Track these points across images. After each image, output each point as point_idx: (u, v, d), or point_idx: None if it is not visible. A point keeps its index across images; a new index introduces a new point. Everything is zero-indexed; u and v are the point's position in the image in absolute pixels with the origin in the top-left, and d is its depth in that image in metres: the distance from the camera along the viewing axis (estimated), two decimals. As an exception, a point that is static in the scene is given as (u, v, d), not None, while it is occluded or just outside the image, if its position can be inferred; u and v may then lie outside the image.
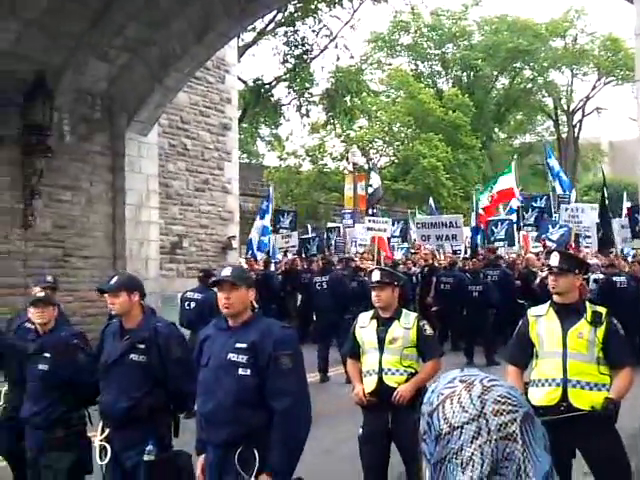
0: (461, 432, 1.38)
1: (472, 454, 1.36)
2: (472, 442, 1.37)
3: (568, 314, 4.56)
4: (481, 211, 19.04)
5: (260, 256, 17.87)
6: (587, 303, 4.74)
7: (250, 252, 18.32)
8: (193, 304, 9.73)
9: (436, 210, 23.41)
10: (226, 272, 3.91)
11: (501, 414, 1.38)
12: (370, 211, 21.83)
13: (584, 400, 4.39)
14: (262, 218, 18.96)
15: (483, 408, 1.38)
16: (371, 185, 17.84)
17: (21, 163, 12.33)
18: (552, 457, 1.42)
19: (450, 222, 16.89)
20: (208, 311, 8.78)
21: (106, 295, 4.41)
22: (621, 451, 4.54)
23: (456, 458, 1.38)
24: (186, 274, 16.24)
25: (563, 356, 4.47)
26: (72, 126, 13.03)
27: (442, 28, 43.55)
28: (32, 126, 12.16)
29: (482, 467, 1.35)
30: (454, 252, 17.25)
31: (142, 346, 4.31)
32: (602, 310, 4.62)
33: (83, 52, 12.79)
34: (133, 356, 4.32)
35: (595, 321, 4.49)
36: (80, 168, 13.16)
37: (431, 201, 23.17)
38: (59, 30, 12.09)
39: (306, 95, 29.38)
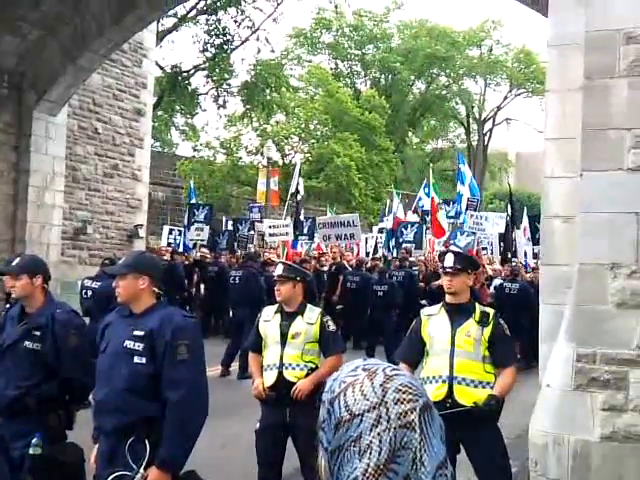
0: (361, 420, 1.39)
1: (370, 442, 1.37)
2: (371, 430, 1.38)
3: (458, 314, 4.80)
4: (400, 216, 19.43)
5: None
6: (477, 304, 4.98)
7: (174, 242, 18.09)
8: (90, 292, 9.51)
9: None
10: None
11: (402, 403, 1.40)
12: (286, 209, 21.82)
13: (468, 397, 4.63)
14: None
15: (384, 396, 1.40)
16: (299, 192, 17.89)
17: None
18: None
19: (348, 221, 17.17)
20: (106, 300, 8.60)
21: (5, 277, 4.27)
22: (501, 447, 4.80)
23: (354, 446, 1.38)
24: (89, 261, 15.80)
25: (450, 354, 4.70)
26: (-25, 101, 12.50)
27: (364, 29, 44.04)
28: None
29: (379, 455, 1.37)
30: (367, 253, 17.54)
31: (38, 333, 4.20)
32: (490, 311, 4.89)
33: (-7, 25, 12.28)
34: (27, 343, 4.19)
35: (482, 321, 4.73)
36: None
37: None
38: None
39: (224, 86, 29.12)
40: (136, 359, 3.65)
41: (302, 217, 17.90)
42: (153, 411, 3.63)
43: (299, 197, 17.95)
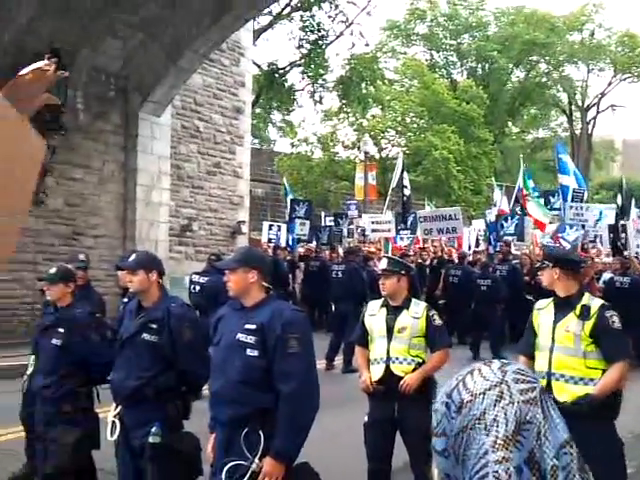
0: (483, 398, 1.39)
1: (496, 416, 1.37)
2: (495, 405, 1.38)
3: (563, 308, 4.63)
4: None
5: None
6: (585, 297, 4.72)
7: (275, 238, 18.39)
8: (198, 287, 9.78)
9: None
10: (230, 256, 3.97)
11: (522, 382, 1.41)
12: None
13: (567, 393, 4.44)
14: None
15: (504, 376, 1.41)
16: (406, 187, 17.84)
17: (35, 140, 12.38)
18: None
19: (450, 215, 16.91)
20: (214, 295, 8.83)
21: (122, 272, 4.44)
22: (613, 447, 4.57)
23: (479, 423, 1.38)
24: (194, 257, 16.30)
25: (550, 349, 4.56)
26: (86, 104, 13.08)
27: (458, 18, 43.26)
28: (46, 104, 12.19)
29: (506, 426, 1.36)
30: (468, 247, 17.21)
31: (154, 326, 4.34)
32: (593, 304, 4.64)
33: (98, 30, 12.82)
34: (145, 335, 4.35)
35: (583, 315, 4.52)
36: (92, 147, 13.22)
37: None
38: (75, 7, 12.11)
39: (320, 81, 29.30)
40: (249, 352, 3.73)
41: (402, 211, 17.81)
42: (267, 402, 3.69)
43: (406, 191, 17.85)
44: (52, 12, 11.90)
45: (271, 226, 19.45)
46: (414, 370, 5.11)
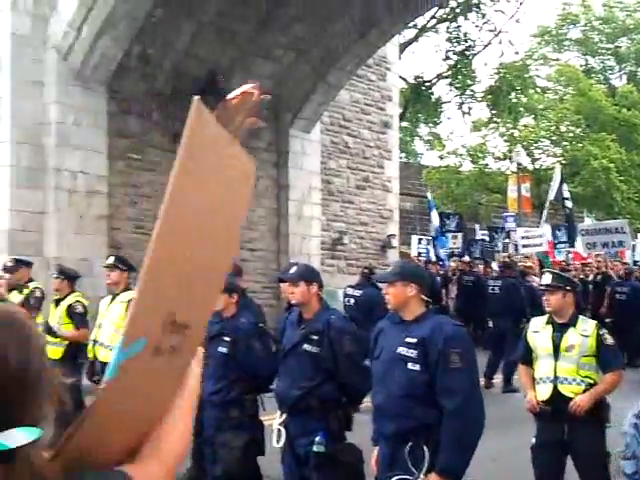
0: None
1: None
2: None
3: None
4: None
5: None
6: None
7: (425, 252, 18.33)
8: (352, 300, 9.87)
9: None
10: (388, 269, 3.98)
11: None
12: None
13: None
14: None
15: None
16: (567, 199, 17.27)
17: (194, 158, 13.08)
18: None
19: (616, 228, 15.99)
20: (369, 307, 8.86)
21: (285, 284, 4.57)
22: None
23: None
24: (346, 270, 16.51)
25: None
26: (240, 124, 13.65)
27: (615, 21, 41.17)
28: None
29: None
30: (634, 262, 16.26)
31: (315, 337, 4.44)
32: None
33: (251, 52, 13.36)
34: (306, 346, 4.45)
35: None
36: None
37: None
38: (230, 31, 12.70)
39: (468, 92, 28.90)
40: (410, 365, 3.71)
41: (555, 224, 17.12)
42: (431, 418, 3.66)
43: (568, 203, 17.19)
44: (208, 37, 12.55)
45: (420, 240, 19.34)
46: (584, 391, 4.86)
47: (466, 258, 16.92)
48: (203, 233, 1.16)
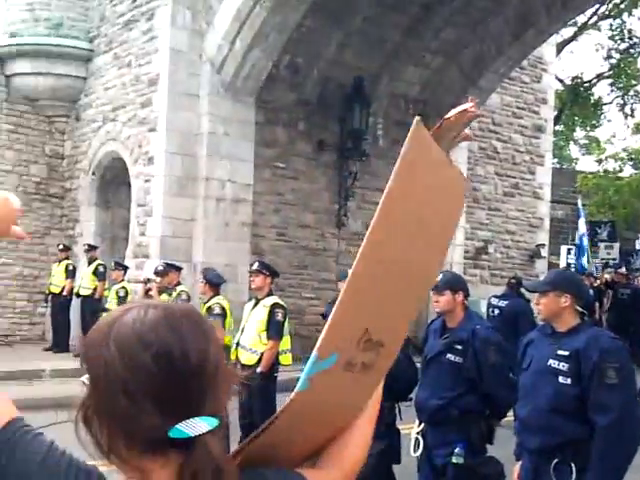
0: None
1: None
2: None
3: None
4: None
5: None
6: None
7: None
8: (497, 311, 9.72)
9: None
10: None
11: None
12: None
13: None
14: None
15: None
16: None
17: (339, 166, 13.38)
18: None
19: None
20: (514, 318, 8.70)
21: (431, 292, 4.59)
22: None
23: None
24: (490, 281, 16.20)
25: None
26: (385, 130, 13.77)
27: None
28: (350, 131, 13.13)
29: None
30: None
31: (459, 347, 4.42)
32: None
33: (399, 58, 13.45)
34: (450, 356, 4.45)
35: None
36: (391, 172, 13.83)
37: None
38: (378, 37, 12.86)
39: (631, 93, 27.45)
40: (561, 379, 3.63)
41: None
42: (581, 434, 3.57)
43: None
44: (356, 44, 12.79)
45: (569, 250, 18.60)
46: None
47: (623, 270, 16.10)
48: (410, 250, 1.21)
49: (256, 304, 7.20)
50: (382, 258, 1.17)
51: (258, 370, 6.64)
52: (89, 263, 12.96)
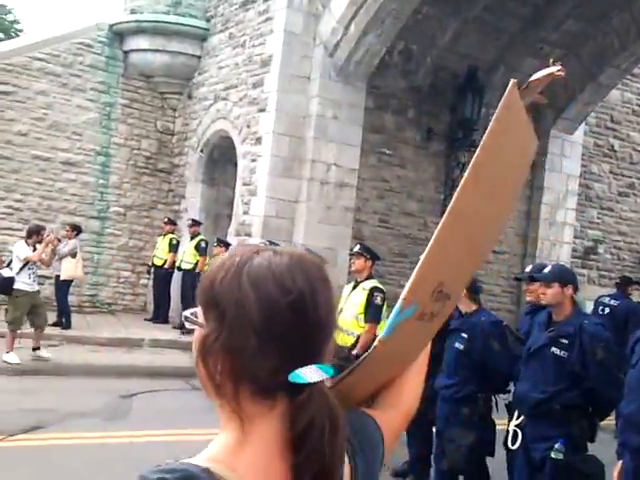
0: None
1: None
2: None
3: None
4: None
5: None
6: None
7: None
8: (607, 309, 9.60)
9: None
10: None
11: None
12: None
13: None
14: None
15: None
16: None
17: (447, 156, 13.38)
18: None
19: None
20: (623, 319, 8.59)
21: (535, 284, 4.61)
22: None
23: None
24: (597, 281, 15.82)
25: None
26: (497, 122, 13.65)
27: None
28: (460, 120, 13.09)
29: None
30: None
31: (565, 341, 4.41)
32: None
33: (516, 48, 13.28)
34: (554, 349, 4.45)
35: None
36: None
37: None
38: (496, 27, 12.74)
39: None
40: (671, 377, 3.63)
41: None
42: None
43: None
44: (472, 33, 12.71)
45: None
46: None
47: None
48: (488, 206, 1.29)
49: (355, 287, 7.27)
50: (467, 213, 1.24)
51: (354, 352, 6.77)
52: (192, 238, 13.45)
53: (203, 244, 13.20)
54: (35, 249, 9.82)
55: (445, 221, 1.23)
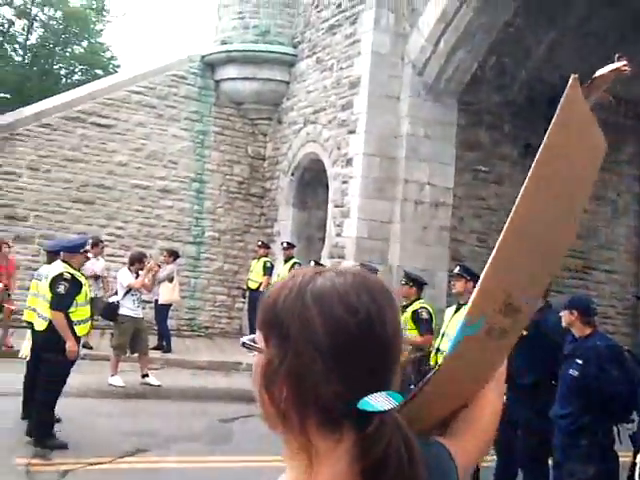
0: None
1: None
2: None
3: None
4: None
5: None
6: None
7: None
8: None
9: None
10: None
11: None
12: None
13: None
14: None
15: None
16: None
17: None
18: None
19: None
20: None
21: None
22: None
23: None
24: None
25: None
26: (595, 134, 13.21)
27: None
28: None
29: None
30: None
31: None
32: None
33: (614, 58, 12.82)
34: None
35: None
36: (606, 178, 13.22)
37: None
38: (595, 36, 12.35)
39: None
40: None
41: None
42: None
43: None
44: (569, 43, 12.34)
45: None
46: None
47: None
48: (554, 211, 1.21)
49: (458, 309, 7.11)
50: (531, 216, 1.17)
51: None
52: (286, 261, 13.53)
53: (297, 267, 13.22)
54: (138, 276, 10.07)
55: (507, 227, 1.16)
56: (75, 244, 7.46)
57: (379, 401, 0.98)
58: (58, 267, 7.13)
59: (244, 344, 1.08)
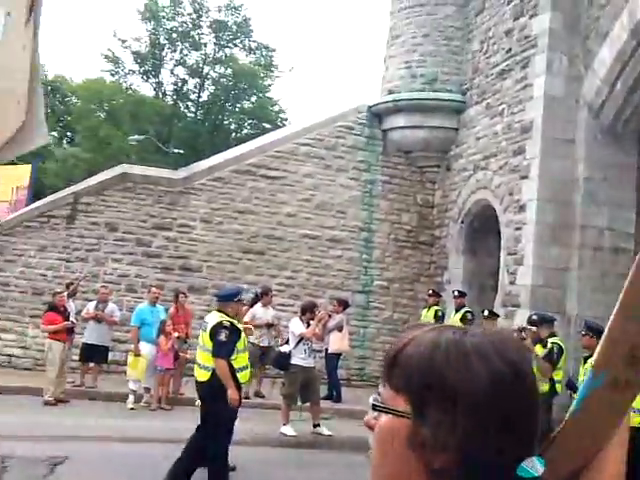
0: None
1: None
2: None
3: None
4: None
5: None
6: None
7: None
8: None
9: None
10: None
11: None
12: None
13: None
14: None
15: None
16: None
17: None
18: None
19: None
20: None
21: None
22: None
23: None
24: None
25: None
26: None
27: None
28: None
29: None
30: None
31: None
32: None
33: None
34: None
35: None
36: None
37: None
38: None
39: None
40: None
41: None
42: None
43: None
44: None
45: None
46: None
47: None
48: None
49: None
50: None
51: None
52: (457, 310, 13.29)
53: (469, 315, 12.96)
54: (309, 325, 10.27)
55: (633, 273, 1.09)
56: (228, 293, 7.65)
57: (533, 466, 0.93)
58: (215, 316, 7.30)
59: (375, 406, 1.00)
